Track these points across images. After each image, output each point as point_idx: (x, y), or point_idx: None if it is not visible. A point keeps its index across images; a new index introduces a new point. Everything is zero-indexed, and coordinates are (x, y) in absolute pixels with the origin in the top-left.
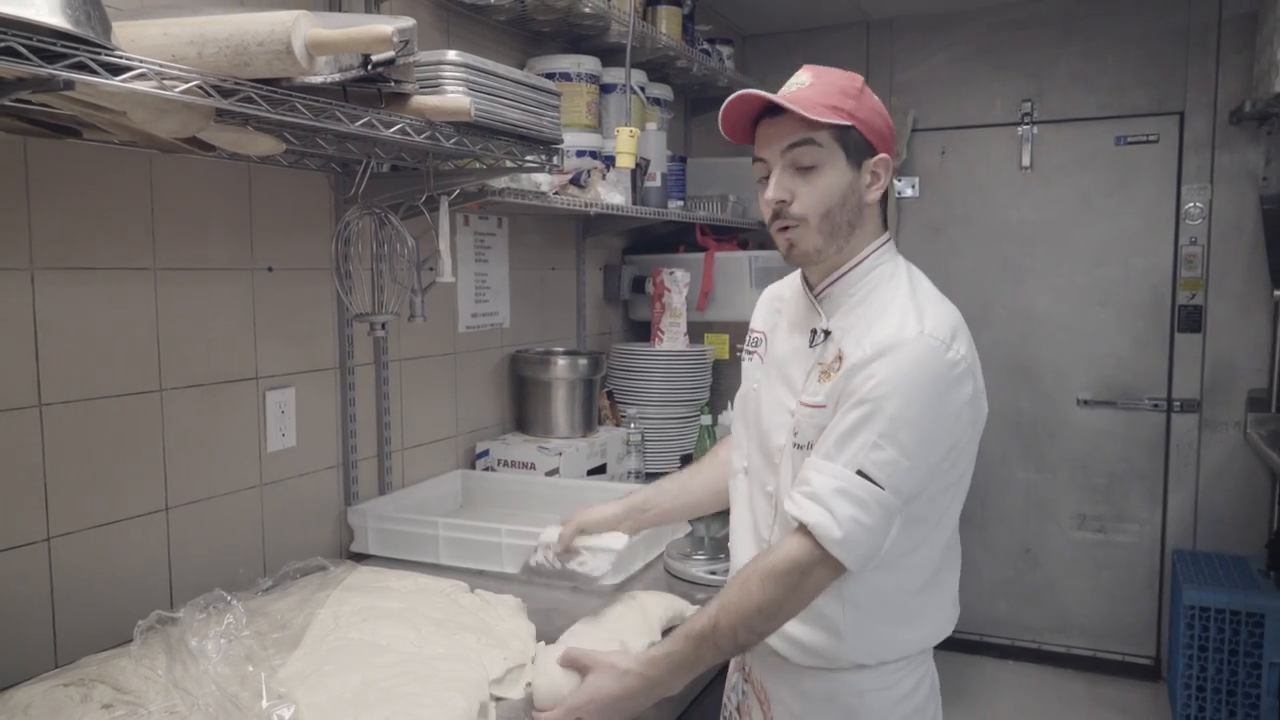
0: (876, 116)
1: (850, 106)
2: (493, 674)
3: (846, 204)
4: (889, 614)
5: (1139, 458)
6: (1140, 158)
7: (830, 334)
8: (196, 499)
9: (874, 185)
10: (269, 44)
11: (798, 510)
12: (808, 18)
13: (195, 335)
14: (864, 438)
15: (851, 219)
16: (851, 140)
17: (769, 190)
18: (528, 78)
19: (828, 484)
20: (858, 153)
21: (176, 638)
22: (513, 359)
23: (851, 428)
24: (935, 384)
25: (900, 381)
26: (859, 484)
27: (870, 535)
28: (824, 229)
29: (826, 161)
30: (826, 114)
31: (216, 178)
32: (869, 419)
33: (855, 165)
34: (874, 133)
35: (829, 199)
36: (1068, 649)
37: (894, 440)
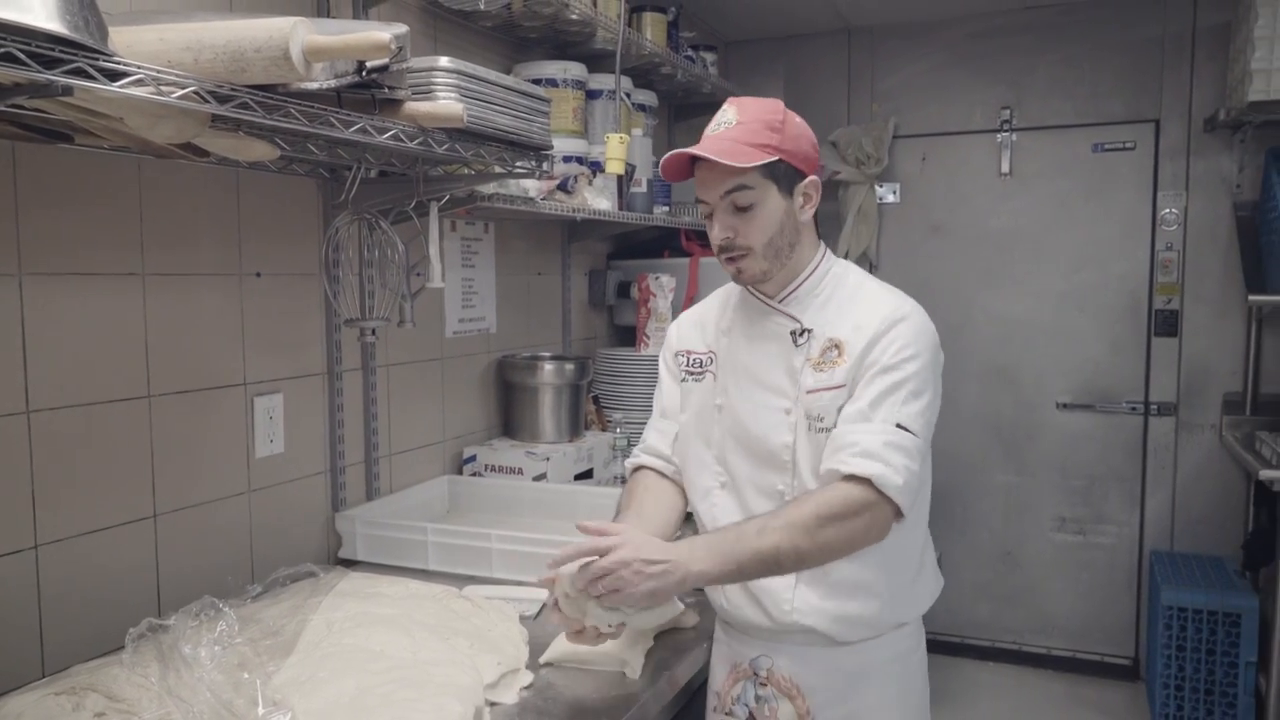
0: (801, 141)
1: (775, 140)
2: (487, 679)
3: (784, 230)
4: (910, 571)
5: (1117, 460)
6: (1117, 164)
7: (811, 331)
8: (185, 505)
9: (806, 205)
10: (266, 50)
11: (858, 467)
12: (789, 25)
13: (183, 341)
14: (896, 395)
15: (791, 240)
16: (780, 172)
17: (714, 230)
18: (518, 84)
19: (876, 439)
20: (787, 181)
21: (169, 645)
22: (499, 364)
23: (884, 390)
24: (935, 344)
25: (917, 343)
26: (901, 435)
27: (916, 480)
28: (768, 255)
29: (761, 198)
30: (753, 155)
31: (205, 183)
32: (899, 379)
33: (787, 193)
34: (800, 158)
35: (769, 230)
36: (1048, 650)
37: (918, 394)
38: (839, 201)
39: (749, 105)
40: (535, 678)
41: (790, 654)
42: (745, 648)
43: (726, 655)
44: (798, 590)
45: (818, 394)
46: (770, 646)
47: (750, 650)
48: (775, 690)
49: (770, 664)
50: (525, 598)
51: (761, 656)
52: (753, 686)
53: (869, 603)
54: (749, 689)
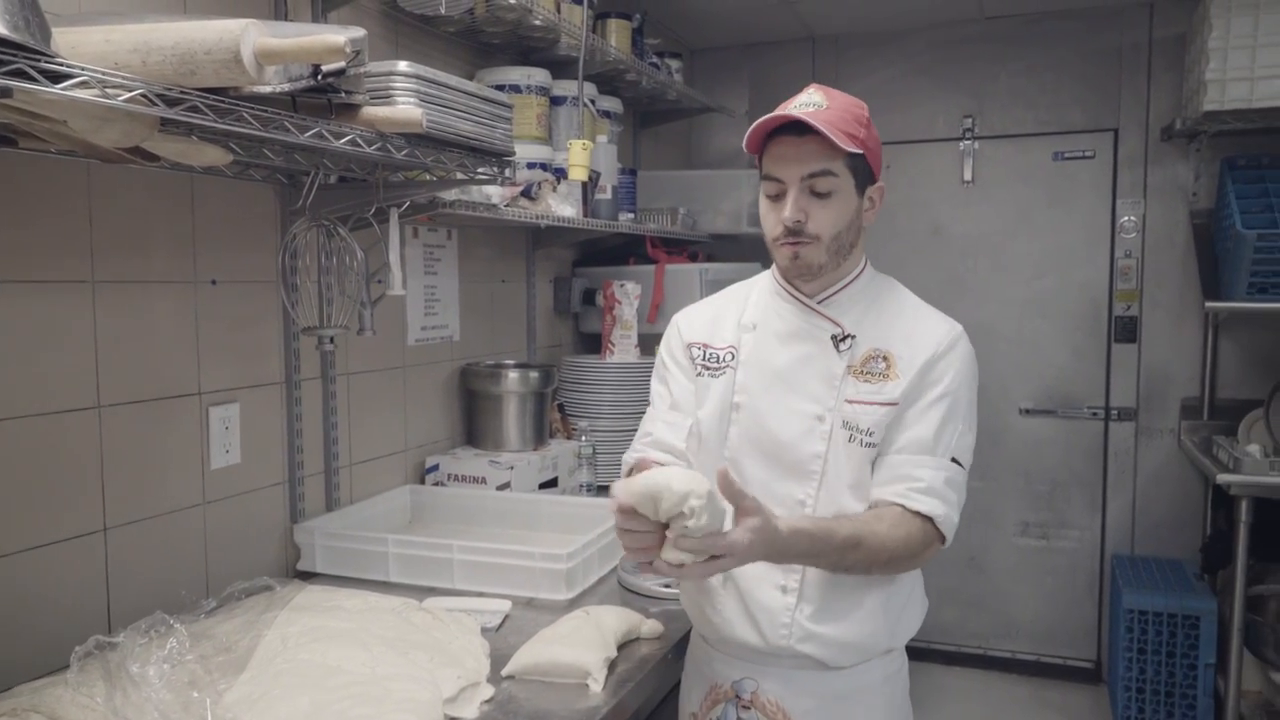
0: (878, 144)
1: (863, 135)
2: (446, 693)
3: (850, 227)
4: (904, 596)
5: (1079, 465)
6: (1077, 173)
7: (854, 337)
8: (136, 519)
9: (871, 210)
10: (216, 53)
11: (925, 507)
12: (754, 33)
13: (136, 350)
14: (953, 427)
15: (852, 240)
16: (861, 168)
17: (787, 210)
18: (479, 89)
19: (938, 476)
20: (863, 180)
21: (116, 664)
22: (463, 372)
23: (944, 418)
24: (976, 371)
25: (967, 372)
26: (958, 471)
27: (959, 512)
28: (832, 249)
29: (841, 189)
30: (848, 142)
31: (158, 189)
32: (954, 410)
33: (860, 192)
34: (876, 160)
35: (839, 223)
36: (1012, 654)
37: (970, 424)
38: None
39: (836, 95)
40: (496, 691)
41: (779, 677)
42: (728, 668)
43: (705, 675)
44: (797, 611)
45: (862, 406)
46: (757, 669)
47: (733, 671)
48: (759, 713)
49: (755, 686)
50: (487, 609)
51: (746, 679)
52: (734, 709)
53: (865, 628)
54: (730, 711)
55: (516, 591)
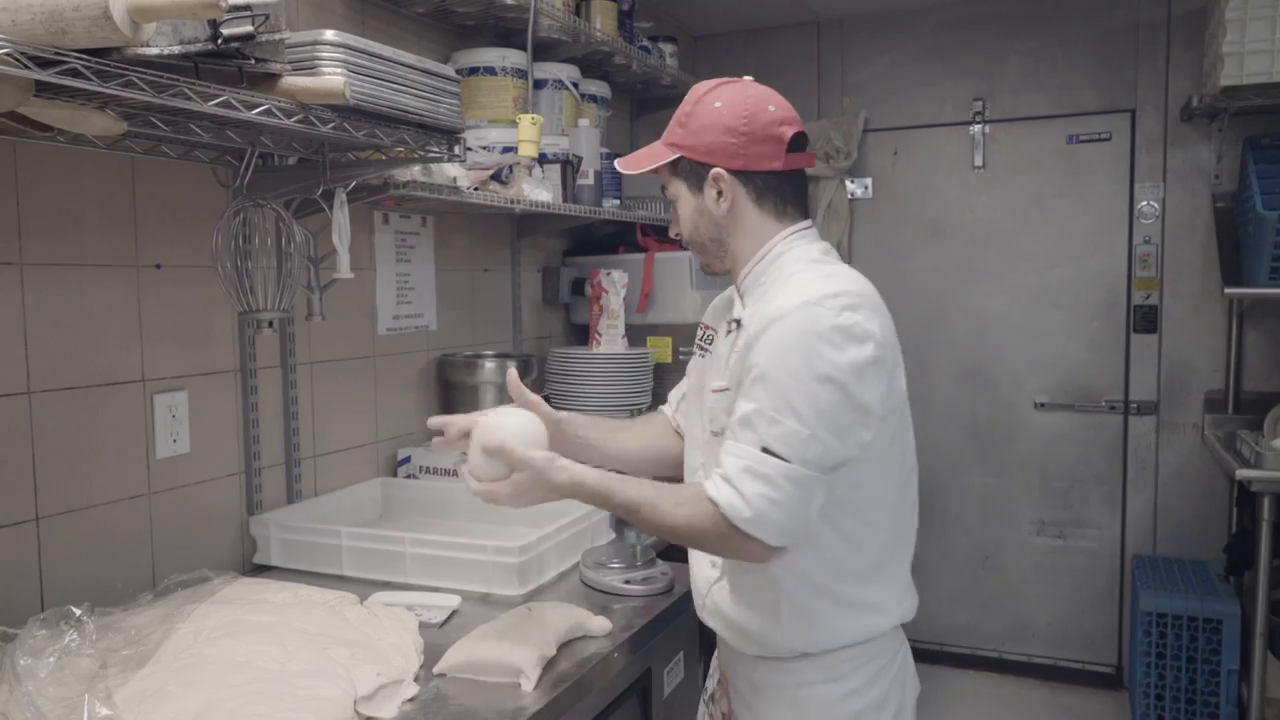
0: (707, 132)
1: (678, 136)
2: (361, 691)
3: (700, 226)
4: (827, 600)
5: (1098, 461)
6: (1092, 156)
7: (741, 322)
8: (72, 508)
9: (721, 199)
10: (85, 9)
11: (714, 491)
12: (757, 18)
13: (70, 335)
14: (761, 414)
15: (713, 235)
16: (684, 169)
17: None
18: (421, 62)
19: (736, 464)
20: (694, 177)
21: (8, 657)
22: (440, 363)
23: (750, 407)
24: (820, 347)
25: (781, 352)
26: (765, 461)
27: (784, 510)
28: (697, 248)
29: (677, 195)
30: (657, 155)
31: (94, 169)
32: (760, 394)
33: (696, 189)
34: (702, 151)
35: (688, 225)
36: (1028, 657)
37: (789, 410)
38: (808, 198)
39: (690, 92)
40: (423, 690)
41: (724, 646)
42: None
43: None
44: (716, 586)
45: (715, 394)
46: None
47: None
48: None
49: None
50: (433, 605)
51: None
52: (718, 668)
53: (763, 621)
54: (716, 667)
55: (469, 586)
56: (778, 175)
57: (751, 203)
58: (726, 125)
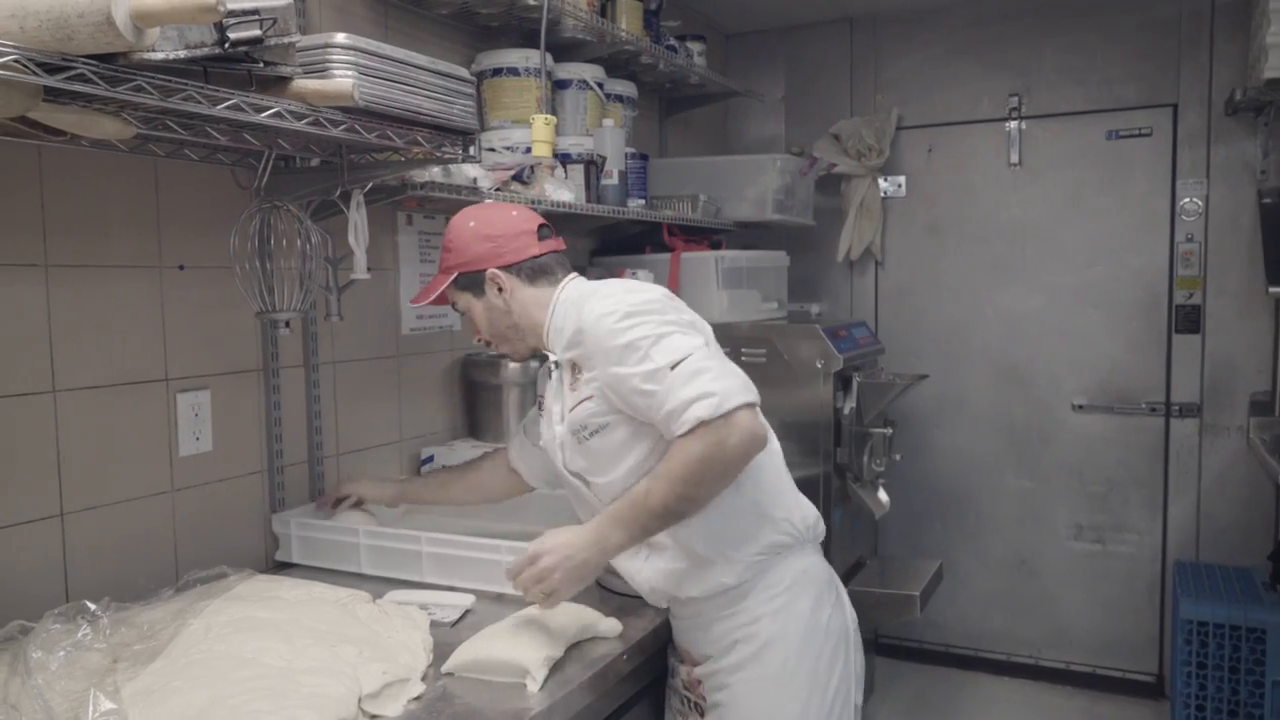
0: (470, 246)
1: (449, 260)
2: (367, 689)
3: (494, 321)
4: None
5: (1138, 464)
6: (1133, 152)
7: (559, 362)
8: (96, 504)
9: (504, 291)
10: (89, 15)
11: (687, 425)
12: (790, 16)
13: (94, 335)
14: (646, 361)
15: (511, 322)
16: (464, 282)
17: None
18: (433, 64)
19: (674, 396)
20: (474, 285)
21: (23, 649)
22: (463, 363)
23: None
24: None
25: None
26: (679, 370)
27: (727, 378)
28: (500, 340)
29: (466, 306)
30: (435, 285)
31: (117, 172)
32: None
33: (479, 293)
34: (472, 260)
35: (484, 325)
36: (1066, 665)
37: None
38: (840, 196)
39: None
40: (429, 689)
41: (679, 624)
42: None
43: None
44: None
45: (575, 409)
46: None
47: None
48: (680, 659)
49: (676, 633)
50: (447, 604)
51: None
52: (672, 653)
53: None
54: (670, 655)
55: (484, 586)
56: (537, 259)
57: (528, 285)
58: (484, 234)
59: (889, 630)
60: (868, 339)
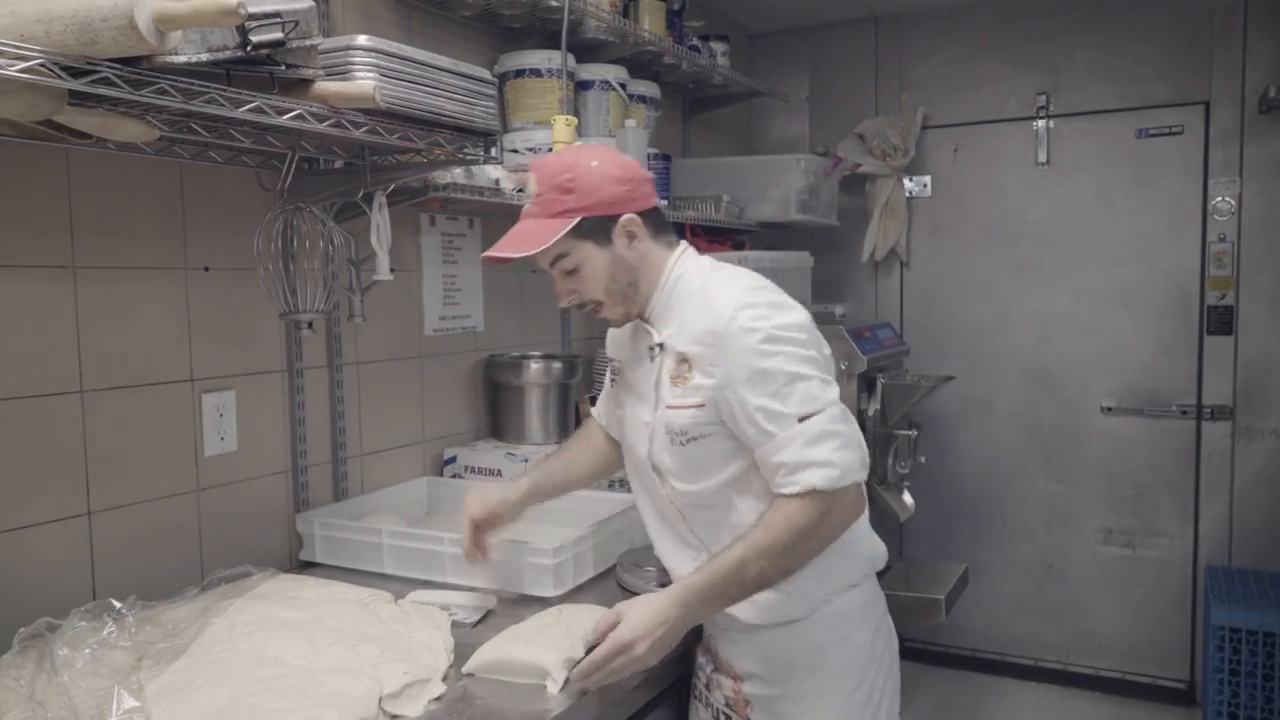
0: (600, 189)
1: (572, 202)
2: (388, 689)
3: (616, 275)
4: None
5: (1168, 468)
6: (1163, 151)
7: (664, 345)
8: (122, 504)
9: (633, 242)
10: (112, 19)
11: (798, 486)
12: (813, 15)
13: (120, 336)
14: (769, 403)
15: (630, 279)
16: (589, 228)
17: (560, 299)
18: (455, 65)
19: (793, 450)
20: (600, 233)
21: (50, 647)
22: (486, 363)
23: (756, 407)
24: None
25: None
26: (809, 425)
27: (851, 447)
28: (615, 300)
29: (582, 259)
30: (552, 229)
31: (143, 175)
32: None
33: (605, 242)
34: (604, 206)
35: (601, 281)
36: (1095, 670)
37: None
38: (865, 196)
39: (544, 169)
40: (449, 689)
41: (724, 638)
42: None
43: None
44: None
45: (677, 410)
46: (713, 629)
47: (706, 627)
48: (718, 668)
49: (716, 644)
50: (468, 604)
51: (711, 635)
52: (709, 661)
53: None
54: (707, 662)
55: (506, 587)
56: (655, 210)
57: (651, 239)
58: (614, 177)
59: (914, 634)
60: (893, 340)
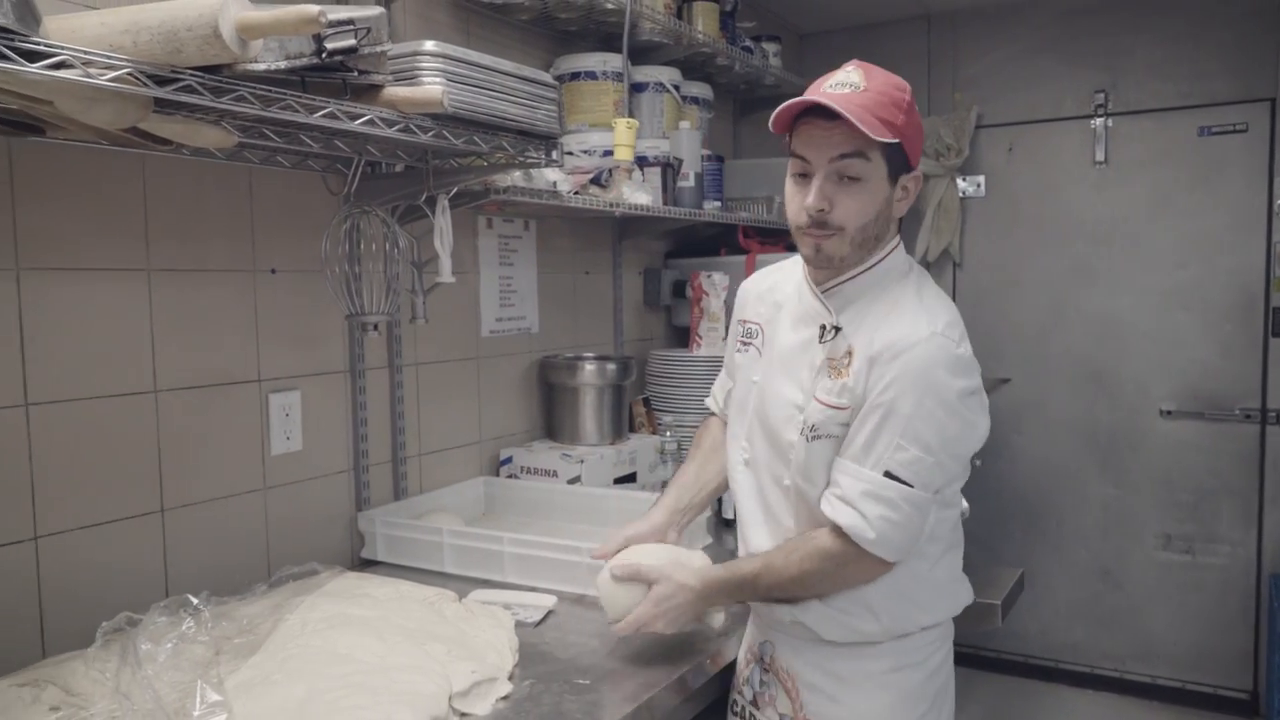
0: (918, 132)
1: (901, 122)
2: (457, 687)
3: (879, 218)
4: (914, 589)
5: (1230, 473)
6: (1226, 149)
7: (840, 330)
8: (193, 501)
9: (904, 200)
10: (198, 28)
11: (832, 512)
12: (866, 13)
13: (191, 337)
14: (886, 439)
15: (879, 231)
16: (896, 156)
17: (810, 197)
18: (519, 69)
19: (856, 487)
20: (896, 169)
21: (132, 641)
22: (541, 364)
23: (873, 431)
24: (949, 380)
25: (911, 382)
26: (887, 485)
27: (902, 530)
28: (856, 240)
29: (871, 176)
30: (882, 131)
31: (214, 180)
32: (886, 421)
33: (892, 181)
34: (913, 148)
35: (867, 213)
36: (1152, 679)
37: (915, 439)
38: (918, 196)
39: (877, 74)
40: (515, 688)
41: (786, 645)
42: (757, 631)
43: (748, 636)
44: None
45: (821, 406)
46: (775, 634)
47: (760, 634)
48: (774, 678)
49: (773, 651)
50: (530, 604)
51: (766, 642)
52: (759, 671)
53: (861, 612)
54: (756, 672)
55: (565, 587)
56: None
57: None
58: (922, 134)
59: (967, 639)
60: None
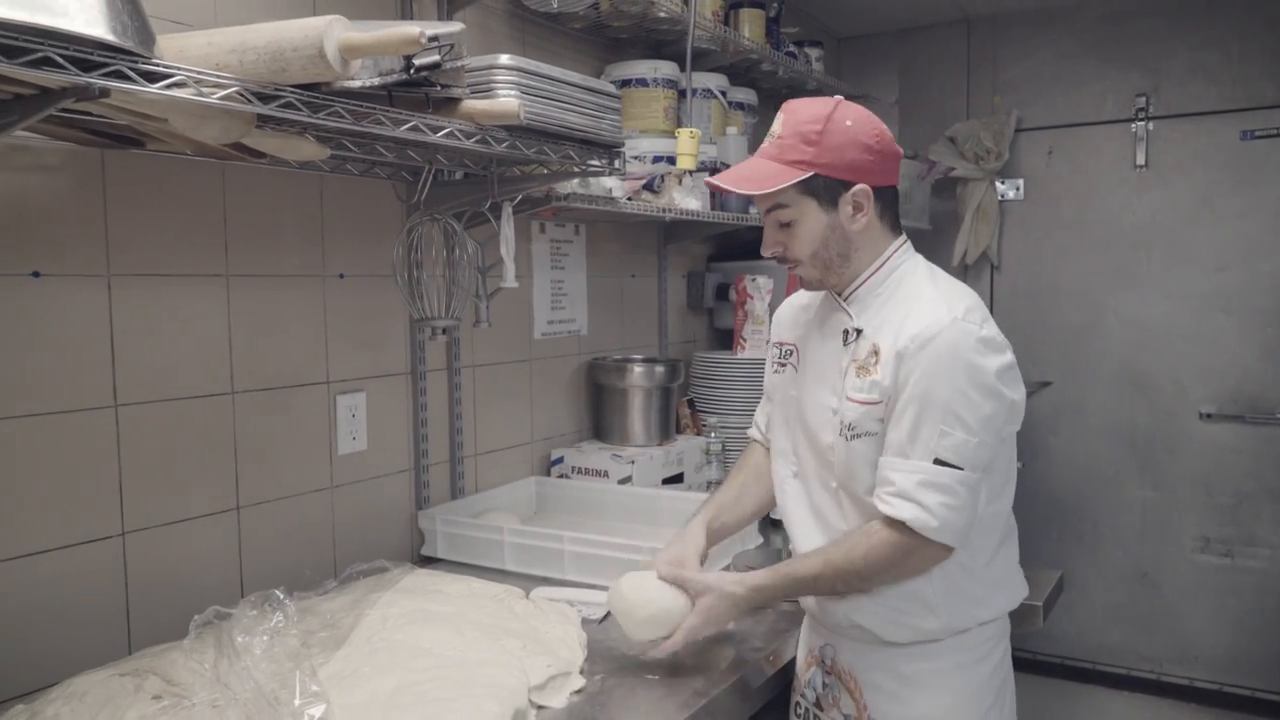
0: (846, 150)
1: (809, 155)
2: (534, 681)
3: (830, 242)
4: (970, 584)
5: (1271, 476)
6: (1269, 153)
7: (862, 331)
8: (267, 499)
9: (858, 214)
10: (303, 49)
11: (892, 510)
12: (905, 18)
13: (266, 340)
14: (929, 428)
15: (840, 251)
16: (818, 187)
17: (764, 245)
18: (585, 80)
19: (910, 480)
20: (829, 194)
21: (226, 633)
22: (590, 366)
23: (914, 423)
24: (978, 360)
25: (942, 368)
26: (940, 472)
27: (961, 514)
28: (816, 265)
29: (799, 215)
30: (783, 175)
31: (288, 187)
32: (925, 411)
33: (829, 206)
34: (843, 169)
35: (811, 244)
36: (1190, 681)
37: (957, 422)
38: (956, 199)
39: (795, 113)
40: (588, 682)
41: (848, 648)
42: (815, 635)
43: (806, 639)
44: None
45: (852, 403)
46: (835, 638)
47: (820, 638)
48: (837, 680)
49: (834, 654)
50: (593, 601)
51: (828, 645)
52: (821, 673)
53: (921, 610)
54: (818, 675)
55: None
56: (893, 189)
57: (877, 217)
58: (863, 144)
59: None
60: None
